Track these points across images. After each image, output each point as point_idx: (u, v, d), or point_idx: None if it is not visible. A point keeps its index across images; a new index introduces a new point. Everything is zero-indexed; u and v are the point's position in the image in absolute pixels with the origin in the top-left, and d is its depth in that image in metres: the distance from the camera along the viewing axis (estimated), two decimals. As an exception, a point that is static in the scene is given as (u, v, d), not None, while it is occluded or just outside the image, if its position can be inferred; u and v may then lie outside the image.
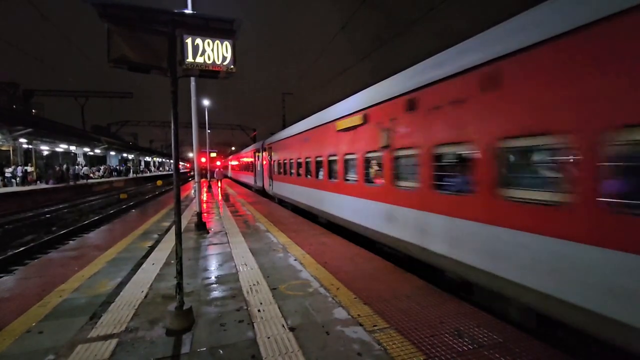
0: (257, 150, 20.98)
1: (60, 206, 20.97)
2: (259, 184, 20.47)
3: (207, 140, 27.53)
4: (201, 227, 8.93)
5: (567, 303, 3.07)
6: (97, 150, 42.67)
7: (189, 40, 3.47)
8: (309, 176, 11.10)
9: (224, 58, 3.61)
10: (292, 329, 3.52)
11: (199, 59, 3.52)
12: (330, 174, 9.24)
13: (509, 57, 3.73)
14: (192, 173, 25.06)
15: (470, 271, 4.25)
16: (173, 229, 4.15)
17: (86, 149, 39.63)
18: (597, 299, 2.85)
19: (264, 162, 18.25)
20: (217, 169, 24.11)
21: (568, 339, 3.51)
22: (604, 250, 2.80)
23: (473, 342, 3.23)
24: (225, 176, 43.13)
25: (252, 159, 23.70)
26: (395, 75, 6.25)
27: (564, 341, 3.54)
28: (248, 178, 26.33)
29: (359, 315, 3.82)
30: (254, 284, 4.85)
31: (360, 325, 3.59)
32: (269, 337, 3.36)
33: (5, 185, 24.16)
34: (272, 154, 16.46)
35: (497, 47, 3.90)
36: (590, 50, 2.97)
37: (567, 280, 3.08)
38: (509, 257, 3.67)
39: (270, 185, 17.29)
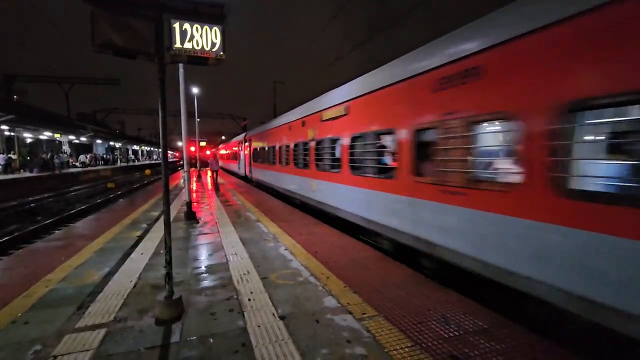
0: None
1: (46, 195, 20.48)
2: None
3: (197, 129, 27.11)
4: (191, 216, 8.86)
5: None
6: (83, 138, 41.60)
7: (176, 25, 3.36)
8: None
9: (213, 44, 3.51)
10: (282, 318, 3.55)
11: (187, 45, 3.42)
12: None
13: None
14: (181, 162, 23.62)
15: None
16: (162, 218, 4.11)
17: (72, 137, 38.61)
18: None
19: None
20: (212, 159, 22.89)
21: (548, 324, 3.64)
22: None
23: (459, 328, 3.32)
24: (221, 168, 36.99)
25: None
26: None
27: (545, 327, 3.66)
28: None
29: (348, 303, 3.88)
30: (244, 273, 4.87)
31: (350, 313, 3.65)
32: (259, 326, 3.38)
33: (-14, 174, 23.46)
34: None
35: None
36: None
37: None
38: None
39: None
